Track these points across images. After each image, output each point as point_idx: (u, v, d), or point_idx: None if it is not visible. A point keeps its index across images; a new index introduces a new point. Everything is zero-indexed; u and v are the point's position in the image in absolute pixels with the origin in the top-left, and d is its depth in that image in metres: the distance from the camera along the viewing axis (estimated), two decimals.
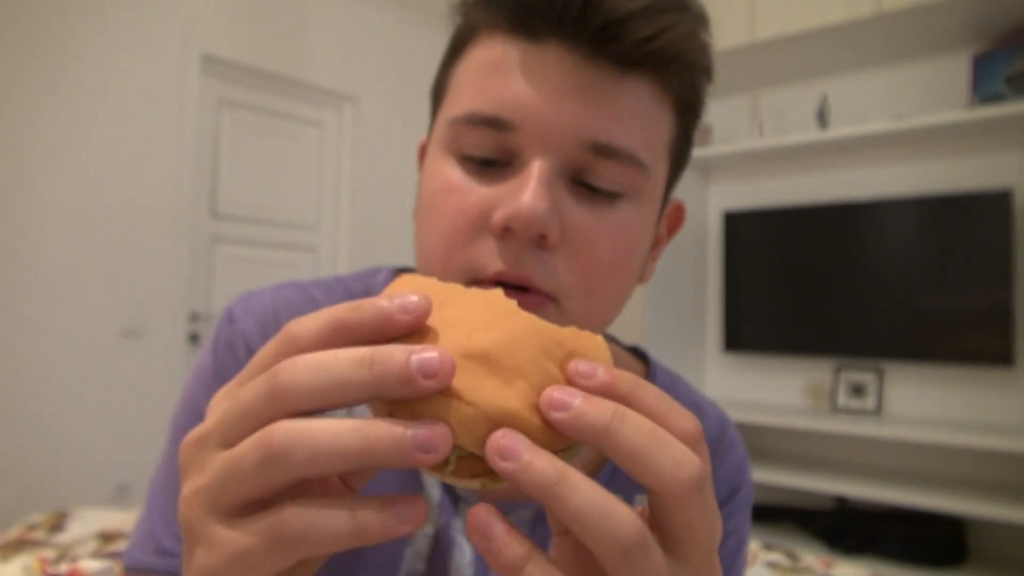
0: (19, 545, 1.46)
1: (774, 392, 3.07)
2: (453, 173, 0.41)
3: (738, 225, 3.11)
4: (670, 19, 0.38)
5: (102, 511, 1.73)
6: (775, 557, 1.71)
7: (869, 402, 2.77)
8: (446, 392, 0.24)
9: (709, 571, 0.26)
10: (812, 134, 2.77)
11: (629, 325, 2.93)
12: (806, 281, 2.91)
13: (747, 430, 2.95)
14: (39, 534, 1.56)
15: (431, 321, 0.26)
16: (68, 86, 2.56)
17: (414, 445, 0.22)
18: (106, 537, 1.50)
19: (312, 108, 3.40)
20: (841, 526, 2.49)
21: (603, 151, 0.39)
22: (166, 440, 0.51)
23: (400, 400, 0.24)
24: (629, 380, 0.25)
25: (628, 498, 0.53)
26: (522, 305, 0.38)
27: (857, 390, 2.81)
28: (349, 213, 3.45)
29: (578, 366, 0.26)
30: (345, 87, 3.41)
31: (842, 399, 2.84)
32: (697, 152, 3.09)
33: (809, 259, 2.91)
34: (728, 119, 3.22)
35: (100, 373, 2.65)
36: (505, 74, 0.40)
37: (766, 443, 3.00)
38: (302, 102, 3.35)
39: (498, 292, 0.28)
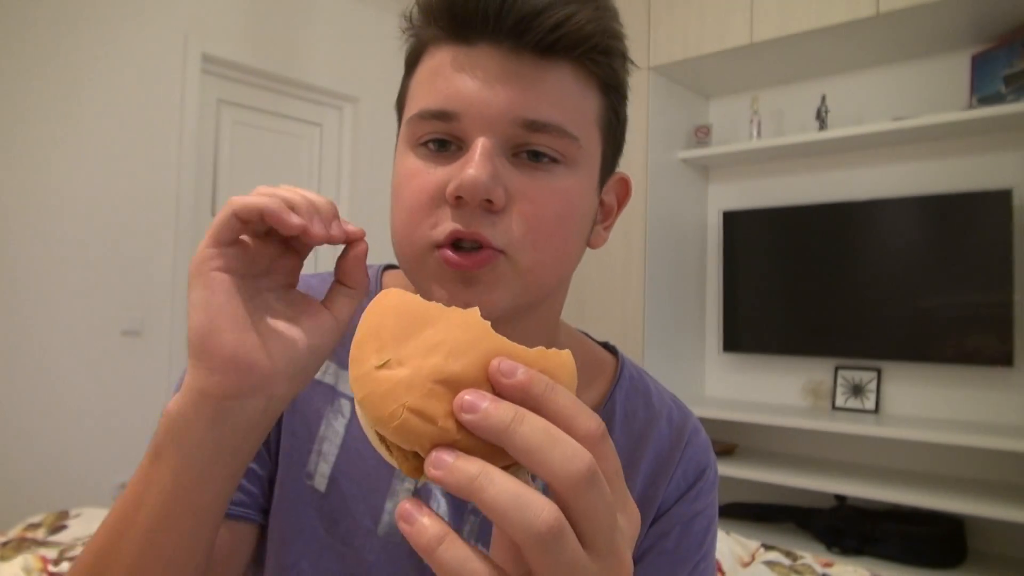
0: (20, 545, 1.46)
1: (773, 392, 3.07)
2: (414, 162, 0.48)
3: (737, 225, 3.11)
4: (573, 9, 0.45)
5: (103, 511, 1.73)
6: (774, 556, 1.71)
7: (868, 402, 2.77)
8: (415, 411, 0.28)
9: (615, 559, 0.28)
10: (811, 134, 2.77)
11: (630, 325, 2.93)
12: (805, 281, 2.91)
13: (746, 430, 2.96)
14: (39, 534, 1.56)
15: (415, 342, 0.30)
16: (68, 86, 2.56)
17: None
18: None
19: (312, 108, 3.40)
20: (840, 526, 2.50)
21: (533, 126, 0.46)
22: None
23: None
24: (543, 383, 0.28)
25: None
26: (477, 262, 0.45)
27: (856, 390, 2.81)
28: (349, 213, 3.45)
29: (500, 365, 0.29)
30: (345, 87, 3.41)
31: (841, 399, 2.84)
32: (696, 152, 3.09)
33: (808, 259, 2.91)
34: (727, 119, 3.22)
35: (100, 373, 2.65)
36: (447, 75, 0.47)
37: (765, 443, 3.00)
38: (302, 102, 3.35)
39: (475, 312, 0.31)
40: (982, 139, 2.60)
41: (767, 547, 1.79)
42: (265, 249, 0.42)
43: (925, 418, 2.65)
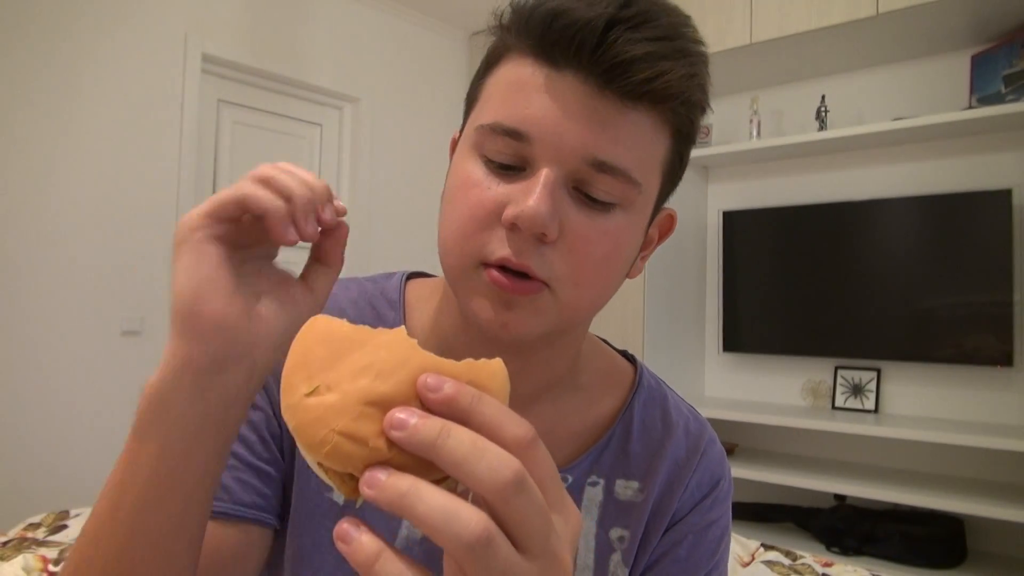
0: (20, 545, 1.46)
1: (773, 392, 3.07)
2: (476, 171, 0.48)
3: (737, 225, 3.11)
4: (669, 65, 0.45)
5: None
6: (774, 556, 1.71)
7: (868, 402, 2.77)
8: (346, 434, 0.29)
9: (552, 559, 0.29)
10: (811, 134, 2.77)
11: (630, 325, 2.93)
12: (805, 281, 2.91)
13: (746, 429, 2.96)
14: (39, 534, 1.56)
15: (343, 366, 0.30)
16: (68, 86, 2.56)
17: None
18: None
19: (312, 108, 3.40)
20: (840, 525, 2.50)
21: (601, 167, 0.46)
22: None
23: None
24: (469, 395, 0.29)
25: (610, 482, 0.59)
26: (521, 290, 0.46)
27: (856, 390, 2.81)
28: (348, 213, 3.45)
29: (427, 380, 0.29)
30: (345, 87, 3.41)
31: (841, 399, 2.84)
32: (696, 152, 3.08)
33: (808, 259, 2.91)
34: (727, 119, 3.22)
35: (100, 373, 2.65)
36: (528, 93, 0.47)
37: (765, 442, 3.00)
38: (302, 102, 3.35)
39: (401, 331, 0.32)
40: (982, 139, 2.60)
41: (767, 547, 1.79)
42: (255, 225, 0.42)
43: (925, 418, 2.65)
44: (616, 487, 0.59)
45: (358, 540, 0.28)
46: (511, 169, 0.47)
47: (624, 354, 0.67)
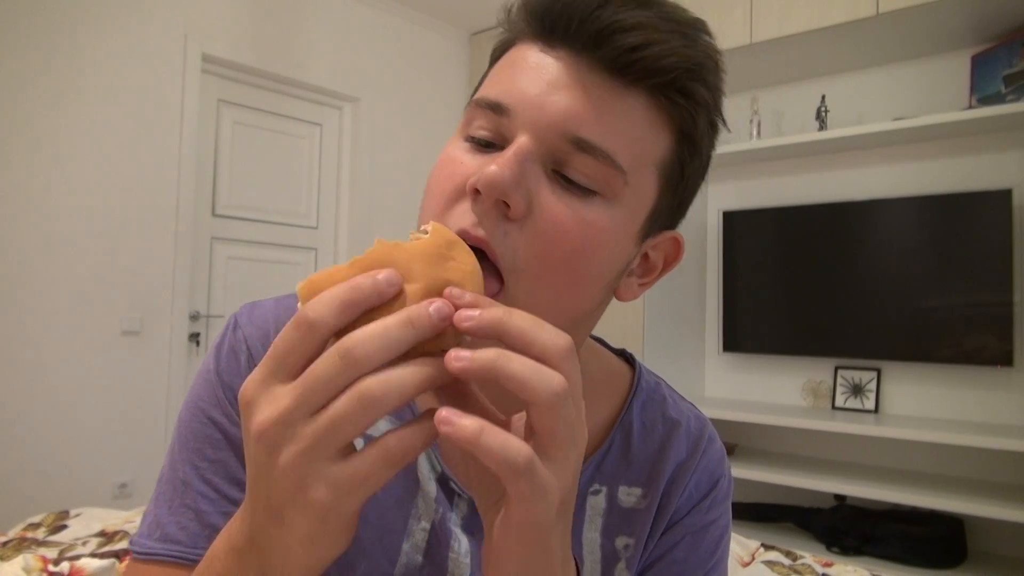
0: (20, 545, 1.46)
1: (773, 392, 3.07)
2: (456, 150, 0.47)
3: (737, 225, 3.11)
4: (659, 36, 0.43)
5: (103, 510, 1.73)
6: (774, 556, 1.71)
7: (868, 402, 2.77)
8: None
9: (573, 468, 0.34)
10: (811, 134, 2.77)
11: (630, 325, 2.93)
12: (805, 281, 2.91)
13: (746, 430, 2.96)
14: (39, 534, 1.56)
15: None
16: (68, 86, 2.57)
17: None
18: (107, 536, 1.50)
19: (312, 108, 3.40)
20: (840, 525, 2.50)
21: (580, 144, 0.43)
22: (173, 436, 0.54)
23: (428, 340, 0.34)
24: (487, 300, 0.34)
25: (612, 489, 0.57)
26: None
27: (856, 390, 2.81)
28: (349, 213, 3.45)
29: (452, 290, 0.34)
30: (345, 87, 3.41)
31: (841, 399, 2.84)
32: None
33: (808, 259, 2.91)
34: (727, 119, 3.21)
35: (100, 373, 2.65)
36: (517, 70, 0.46)
37: (765, 443, 3.00)
38: (302, 102, 3.35)
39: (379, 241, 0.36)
40: (982, 139, 2.60)
41: (767, 547, 1.79)
42: None
43: (925, 418, 2.65)
44: (619, 494, 0.57)
45: (459, 423, 0.31)
46: (491, 146, 0.46)
47: (622, 353, 0.65)
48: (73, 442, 2.58)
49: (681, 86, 0.44)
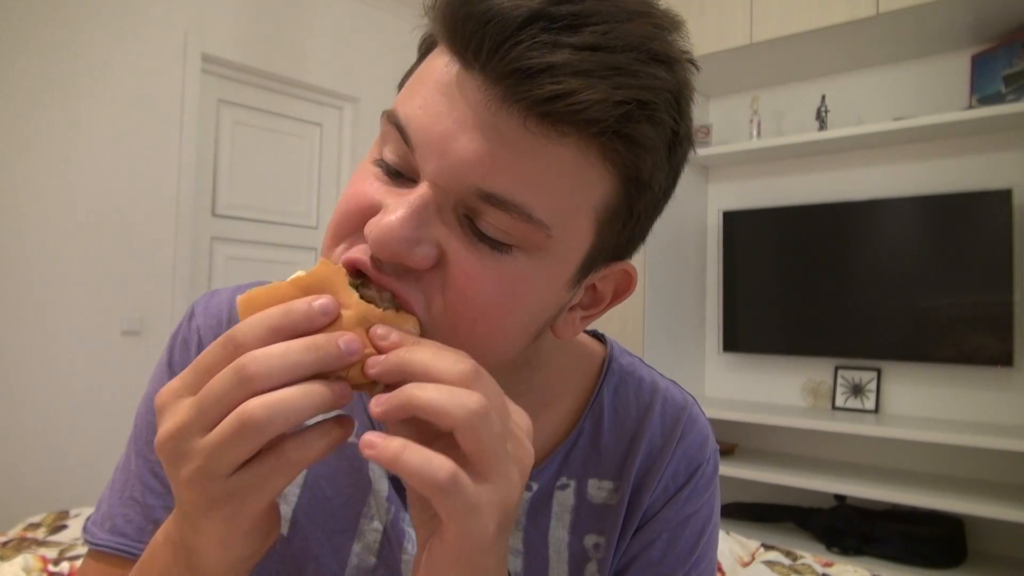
0: (20, 545, 1.46)
1: (773, 392, 3.07)
2: (364, 178, 0.41)
3: (737, 225, 3.11)
4: (585, 83, 0.34)
5: None
6: (774, 556, 1.71)
7: (868, 402, 2.77)
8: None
9: (514, 483, 0.34)
10: (811, 134, 2.77)
11: (629, 326, 2.93)
12: (805, 281, 2.91)
13: (746, 430, 2.96)
14: (39, 534, 1.56)
15: None
16: (68, 86, 2.56)
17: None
18: None
19: (312, 108, 3.40)
20: (840, 525, 2.50)
21: (490, 199, 0.37)
22: (133, 426, 0.55)
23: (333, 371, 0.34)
24: (411, 339, 0.35)
25: (582, 483, 0.53)
26: None
27: (856, 390, 2.81)
28: None
29: (377, 330, 0.35)
30: (345, 87, 3.41)
31: (841, 399, 2.84)
32: (696, 152, 3.08)
33: (808, 259, 2.91)
34: (727, 119, 3.22)
35: (100, 373, 2.65)
36: (431, 87, 0.39)
37: (765, 443, 3.00)
38: (302, 102, 3.35)
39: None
40: (982, 139, 2.60)
41: (767, 547, 1.79)
42: None
43: (925, 418, 2.65)
44: (589, 488, 0.53)
45: (381, 443, 0.31)
46: (400, 176, 0.40)
47: (595, 333, 0.60)
48: (73, 442, 2.57)
49: (617, 131, 0.36)
